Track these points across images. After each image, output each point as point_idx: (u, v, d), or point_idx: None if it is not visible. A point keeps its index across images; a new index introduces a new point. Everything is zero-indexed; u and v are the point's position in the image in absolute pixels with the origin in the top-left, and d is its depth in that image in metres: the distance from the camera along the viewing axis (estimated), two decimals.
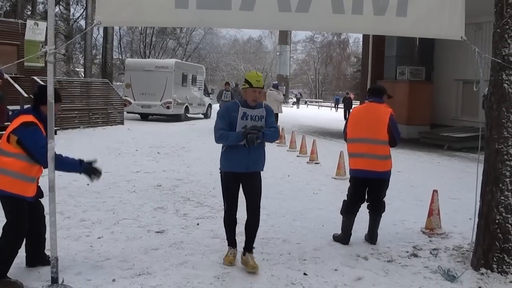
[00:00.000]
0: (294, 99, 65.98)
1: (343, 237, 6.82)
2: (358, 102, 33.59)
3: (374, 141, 6.62)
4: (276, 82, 24.30)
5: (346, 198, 6.92)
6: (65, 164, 5.18)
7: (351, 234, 6.84)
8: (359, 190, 6.82)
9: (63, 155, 5.19)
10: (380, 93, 6.90)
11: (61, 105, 5.64)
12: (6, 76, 8.31)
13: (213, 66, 68.52)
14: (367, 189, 6.82)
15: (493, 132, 5.67)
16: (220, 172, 5.87)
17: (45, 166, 5.09)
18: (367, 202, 6.91)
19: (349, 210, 6.82)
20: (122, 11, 5.27)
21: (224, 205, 5.94)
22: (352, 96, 41.33)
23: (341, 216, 6.89)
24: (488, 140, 5.76)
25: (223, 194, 5.90)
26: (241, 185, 5.77)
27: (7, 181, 4.98)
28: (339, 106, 58.25)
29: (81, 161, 5.26)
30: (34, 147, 4.96)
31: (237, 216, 5.91)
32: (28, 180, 5.09)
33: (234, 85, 27.02)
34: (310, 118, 37.05)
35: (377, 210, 6.87)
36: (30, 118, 5.06)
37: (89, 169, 5.28)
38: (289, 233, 7.22)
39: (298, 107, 60.30)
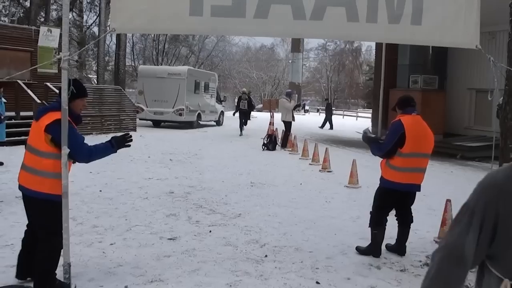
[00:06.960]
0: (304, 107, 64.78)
1: (376, 250, 6.66)
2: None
3: (428, 155, 6.60)
4: (290, 90, 24.28)
5: (374, 210, 6.72)
6: (100, 152, 5.14)
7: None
8: (394, 203, 6.70)
9: (93, 145, 5.11)
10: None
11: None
12: None
13: (226, 73, 68.61)
14: (399, 201, 6.69)
15: (508, 142, 5.63)
16: None
17: (83, 162, 5.09)
18: (397, 215, 6.83)
19: (382, 223, 6.67)
20: (136, 18, 5.27)
21: None
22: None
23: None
24: (502, 149, 5.72)
25: None
26: None
27: (46, 182, 4.84)
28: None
29: (111, 142, 5.18)
30: (73, 144, 4.84)
31: None
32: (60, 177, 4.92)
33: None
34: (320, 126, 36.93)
35: (409, 222, 6.80)
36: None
37: (120, 143, 5.24)
38: (302, 242, 7.19)
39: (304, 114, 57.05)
